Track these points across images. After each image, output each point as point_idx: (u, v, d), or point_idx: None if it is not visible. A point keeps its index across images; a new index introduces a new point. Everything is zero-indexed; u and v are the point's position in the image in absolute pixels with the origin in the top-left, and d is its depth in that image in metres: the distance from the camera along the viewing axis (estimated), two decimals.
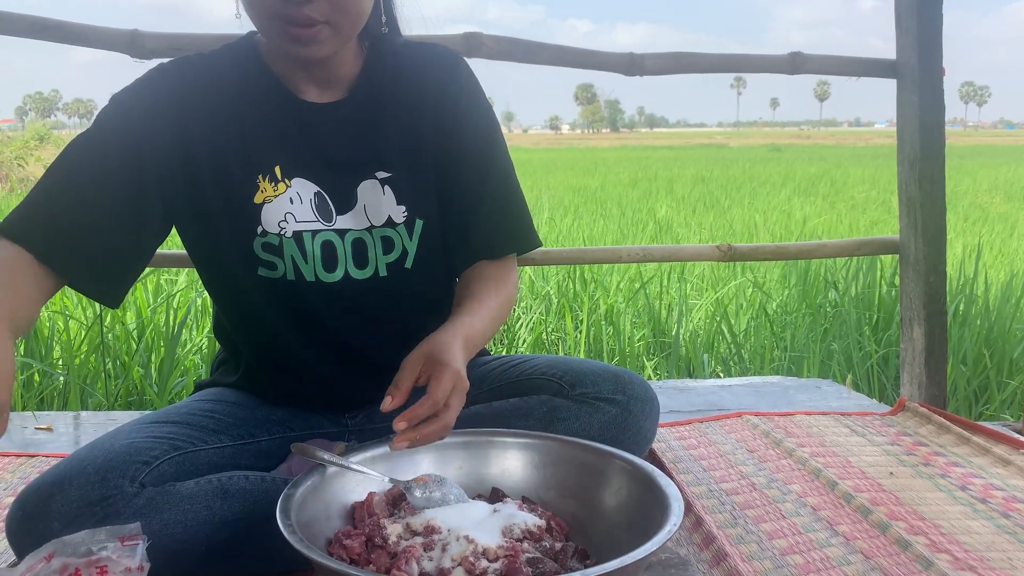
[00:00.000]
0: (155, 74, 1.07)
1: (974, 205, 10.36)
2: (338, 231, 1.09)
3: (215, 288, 1.17)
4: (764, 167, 19.77)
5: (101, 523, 0.89)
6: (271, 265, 1.08)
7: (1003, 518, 1.27)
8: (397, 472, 0.98)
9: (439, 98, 1.13)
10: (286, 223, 1.07)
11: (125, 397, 2.50)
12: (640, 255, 2.06)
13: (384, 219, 1.11)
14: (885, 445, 1.61)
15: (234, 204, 1.06)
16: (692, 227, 8.05)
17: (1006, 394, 2.79)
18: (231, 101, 1.07)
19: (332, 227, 1.09)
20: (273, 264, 1.08)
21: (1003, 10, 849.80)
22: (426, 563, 0.83)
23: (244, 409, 1.16)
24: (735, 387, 2.07)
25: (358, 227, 1.10)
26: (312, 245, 1.08)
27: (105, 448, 0.96)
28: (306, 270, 1.08)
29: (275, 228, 1.06)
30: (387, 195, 1.11)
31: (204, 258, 1.14)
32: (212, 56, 1.10)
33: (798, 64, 1.99)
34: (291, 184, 1.07)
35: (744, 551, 1.16)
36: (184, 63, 1.08)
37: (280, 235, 1.07)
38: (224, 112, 1.06)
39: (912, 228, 2.02)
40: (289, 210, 1.07)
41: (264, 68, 1.09)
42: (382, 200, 1.10)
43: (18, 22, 1.70)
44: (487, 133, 1.17)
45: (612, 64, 1.91)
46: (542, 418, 1.11)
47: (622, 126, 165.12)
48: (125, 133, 1.02)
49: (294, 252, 1.07)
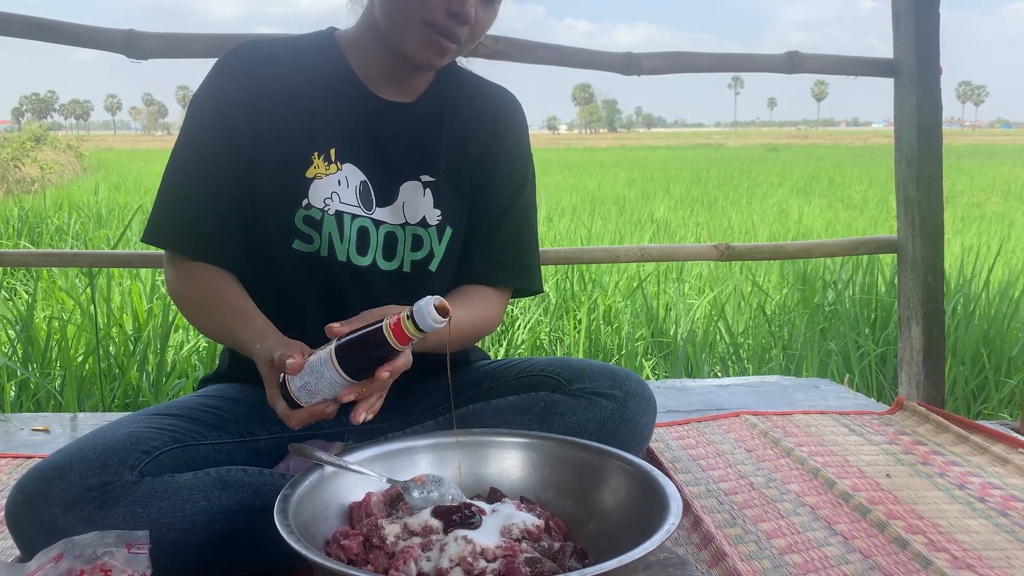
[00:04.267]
0: (225, 63, 1.14)
1: (971, 204, 10.38)
2: (374, 221, 1.15)
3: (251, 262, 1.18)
4: (762, 167, 19.79)
5: (101, 509, 0.91)
6: (308, 238, 1.13)
7: (1001, 517, 1.27)
8: (395, 472, 0.98)
9: (494, 127, 1.23)
10: (331, 201, 1.12)
11: (123, 399, 2.49)
12: (638, 255, 2.06)
13: (419, 219, 1.17)
14: (883, 444, 1.61)
15: (287, 173, 1.12)
16: (690, 227, 8.05)
17: (1004, 393, 2.79)
18: (304, 81, 1.14)
19: (370, 216, 1.15)
20: (310, 238, 1.13)
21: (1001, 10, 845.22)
22: (424, 563, 0.82)
23: (245, 407, 1.17)
24: (733, 387, 2.07)
25: (393, 222, 1.16)
26: (350, 227, 1.13)
27: (107, 436, 0.98)
28: (340, 249, 1.13)
29: (320, 204, 1.12)
30: (426, 197, 1.17)
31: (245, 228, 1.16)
32: (293, 39, 1.19)
33: (796, 64, 1.99)
34: (342, 168, 1.14)
35: (743, 551, 1.16)
36: (259, 44, 1.16)
37: (323, 211, 1.12)
38: (295, 89, 1.13)
39: (910, 227, 2.02)
40: (336, 190, 1.13)
41: (342, 60, 1.16)
42: (420, 201, 1.17)
43: (14, 22, 1.69)
44: (522, 175, 1.26)
45: (609, 64, 1.91)
46: (539, 413, 1.12)
47: (620, 126, 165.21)
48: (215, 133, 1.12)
49: (332, 230, 1.12)
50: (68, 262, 2.18)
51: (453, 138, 1.20)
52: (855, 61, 2.06)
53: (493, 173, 1.22)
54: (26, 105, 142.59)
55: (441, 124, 1.19)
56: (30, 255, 2.35)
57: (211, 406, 1.14)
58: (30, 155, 13.67)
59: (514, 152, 1.25)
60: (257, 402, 1.19)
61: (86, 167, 17.60)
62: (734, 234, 7.49)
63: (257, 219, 1.14)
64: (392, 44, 1.12)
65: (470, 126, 1.21)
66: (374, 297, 1.15)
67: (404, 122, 1.17)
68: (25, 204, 8.37)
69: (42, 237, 6.36)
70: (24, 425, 1.77)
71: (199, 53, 1.69)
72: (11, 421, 1.79)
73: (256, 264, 1.17)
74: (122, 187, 11.78)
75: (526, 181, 1.26)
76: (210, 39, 1.70)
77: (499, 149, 1.23)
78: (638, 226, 7.91)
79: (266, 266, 1.16)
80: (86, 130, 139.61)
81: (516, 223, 1.24)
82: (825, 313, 3.47)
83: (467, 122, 1.21)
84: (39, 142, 16.23)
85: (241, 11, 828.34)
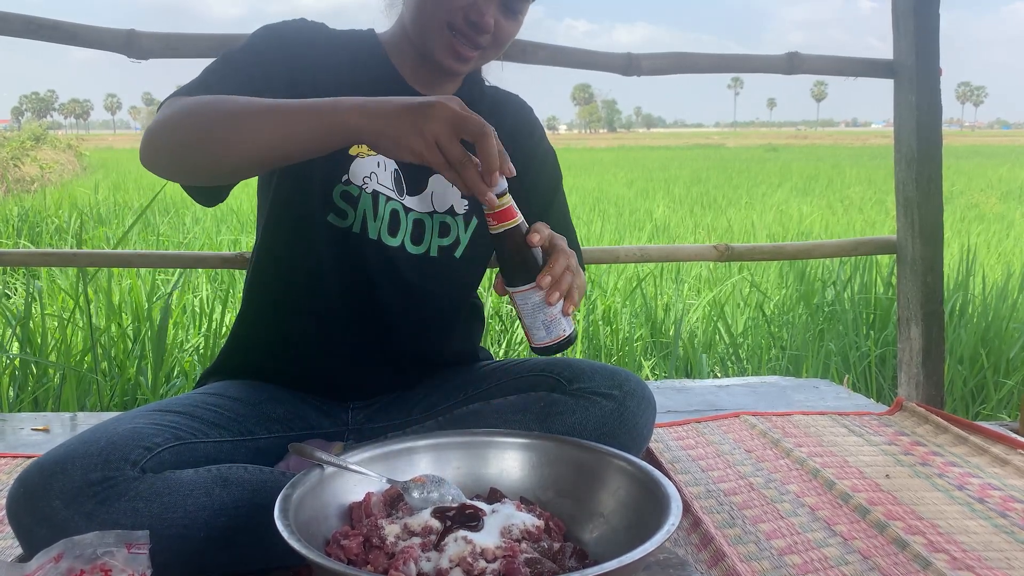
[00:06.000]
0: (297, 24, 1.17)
1: (970, 205, 10.38)
2: (404, 207, 1.18)
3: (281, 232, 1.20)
4: (761, 167, 19.79)
5: (102, 504, 0.91)
6: (343, 214, 1.15)
7: (1000, 517, 1.27)
8: (395, 472, 0.98)
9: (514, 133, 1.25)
10: (369, 180, 1.16)
11: (121, 397, 2.49)
12: (638, 255, 2.06)
13: (447, 207, 1.21)
14: (883, 445, 1.61)
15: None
16: (689, 227, 8.05)
17: (1002, 393, 2.79)
18: (351, 67, 1.17)
19: (401, 201, 1.18)
20: (345, 213, 1.15)
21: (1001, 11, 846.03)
22: (424, 563, 0.82)
23: (245, 406, 1.17)
24: (733, 387, 2.07)
25: (421, 210, 1.20)
26: (384, 208, 1.17)
27: (108, 431, 0.98)
28: (372, 228, 1.16)
29: (359, 181, 1.15)
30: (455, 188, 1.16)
31: (284, 198, 1.18)
32: (340, 31, 1.22)
33: (795, 64, 1.99)
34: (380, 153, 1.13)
35: (742, 551, 1.16)
36: (317, 25, 1.19)
37: (361, 188, 1.15)
38: (342, 72, 1.15)
39: (909, 228, 2.02)
40: (375, 171, 1.16)
41: (384, 56, 1.21)
42: (449, 190, 1.21)
43: (14, 22, 1.69)
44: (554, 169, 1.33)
45: (609, 64, 1.91)
46: (539, 413, 1.12)
47: (619, 126, 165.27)
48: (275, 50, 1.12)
49: (368, 207, 1.15)
50: (68, 261, 2.18)
51: None
52: (855, 62, 2.06)
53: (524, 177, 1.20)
54: (26, 104, 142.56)
55: None
56: (30, 254, 2.35)
57: (212, 404, 1.14)
58: (30, 154, 13.66)
59: (539, 154, 1.30)
60: (257, 401, 1.20)
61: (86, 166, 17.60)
62: (733, 234, 7.49)
63: (296, 189, 1.16)
64: (418, 47, 1.16)
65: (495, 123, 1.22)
66: (399, 278, 1.19)
67: None
68: (25, 203, 8.37)
69: (42, 236, 6.36)
70: (24, 424, 1.77)
71: (199, 53, 1.69)
72: (9, 421, 1.79)
73: (291, 238, 1.19)
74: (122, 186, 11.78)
75: (559, 178, 1.33)
76: (210, 39, 1.70)
77: (524, 153, 1.24)
78: (638, 226, 7.92)
79: (297, 238, 1.18)
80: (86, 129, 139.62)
81: (559, 215, 1.30)
82: (824, 313, 3.48)
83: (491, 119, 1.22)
84: (39, 141, 16.22)
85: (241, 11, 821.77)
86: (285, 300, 1.22)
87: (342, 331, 1.21)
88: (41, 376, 2.54)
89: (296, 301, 1.22)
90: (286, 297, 1.22)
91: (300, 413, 1.22)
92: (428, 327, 1.25)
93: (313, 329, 1.22)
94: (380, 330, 1.22)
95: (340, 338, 1.22)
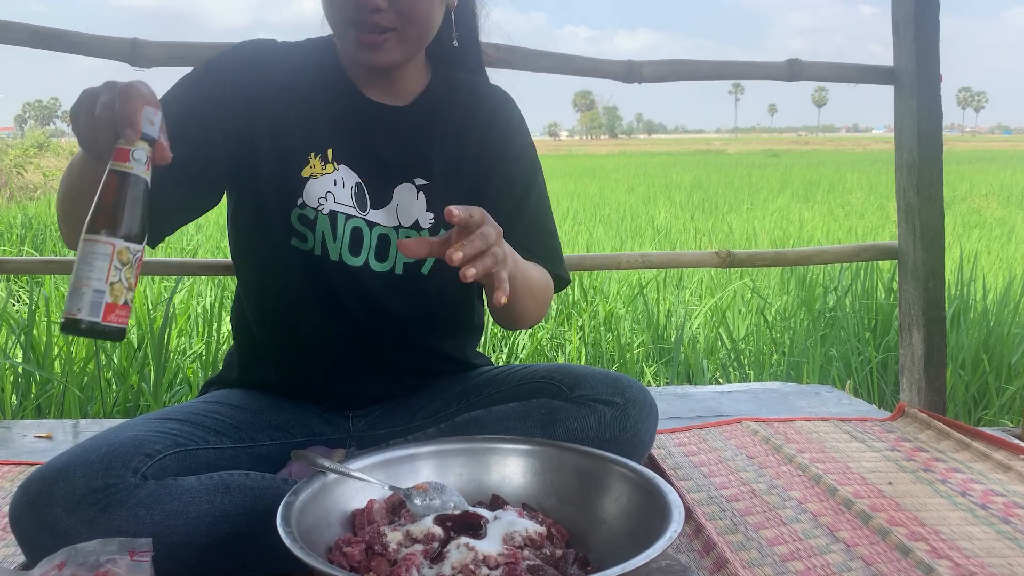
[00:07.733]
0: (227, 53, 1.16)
1: (971, 210, 10.38)
2: (368, 222, 1.16)
3: (249, 258, 1.21)
4: (762, 173, 19.80)
5: (104, 511, 0.91)
6: (303, 237, 1.15)
7: (1003, 524, 1.27)
8: (397, 479, 0.98)
9: (488, 125, 1.22)
10: (325, 201, 1.14)
11: (124, 404, 2.49)
12: (639, 261, 2.07)
13: (411, 222, 1.18)
14: (885, 451, 1.61)
15: (284, 172, 1.13)
16: (691, 233, 8.06)
17: (1005, 399, 2.79)
18: (302, 84, 1.16)
19: (364, 217, 1.16)
20: (305, 236, 1.14)
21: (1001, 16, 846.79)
22: (426, 570, 0.83)
23: (247, 413, 1.17)
24: (735, 393, 2.07)
25: (386, 224, 1.17)
26: (343, 227, 1.15)
27: (110, 439, 0.98)
28: (332, 249, 1.15)
29: (314, 203, 1.14)
30: (419, 200, 1.18)
31: (245, 225, 1.19)
32: (293, 44, 1.20)
33: (796, 71, 2.00)
34: (338, 168, 1.15)
35: (744, 558, 1.16)
36: (260, 43, 1.18)
37: (317, 210, 1.14)
38: (293, 91, 1.15)
39: (911, 234, 2.03)
40: (331, 190, 1.14)
41: (337, 65, 1.18)
42: (414, 204, 1.18)
43: (18, 31, 1.70)
44: (531, 165, 1.26)
45: (611, 72, 1.91)
46: (541, 420, 1.12)
47: (620, 132, 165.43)
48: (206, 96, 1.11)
49: (325, 229, 1.14)
50: (71, 269, 2.18)
51: (447, 141, 1.20)
52: (855, 68, 2.06)
53: (499, 166, 1.22)
54: (29, 112, 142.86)
55: (435, 127, 1.20)
56: (33, 262, 2.36)
57: (214, 411, 1.14)
58: (33, 162, 13.68)
59: (515, 145, 1.25)
60: (259, 408, 1.20)
61: None
62: (735, 240, 7.50)
63: (255, 217, 1.16)
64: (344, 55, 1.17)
65: (465, 128, 1.22)
66: (367, 297, 1.17)
67: (397, 125, 1.18)
68: (28, 211, 8.39)
69: (45, 243, 6.37)
70: (27, 431, 1.77)
71: (202, 61, 1.70)
72: (13, 428, 1.79)
73: (258, 261, 1.20)
74: None
75: (535, 172, 1.27)
76: (213, 48, 1.70)
77: (499, 144, 1.23)
78: (639, 232, 7.92)
79: (267, 262, 1.18)
80: None
81: (534, 213, 1.24)
82: (826, 319, 3.48)
83: (461, 125, 1.22)
84: (42, 149, 16.24)
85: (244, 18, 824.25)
86: (270, 319, 1.22)
87: (327, 347, 1.21)
88: (44, 384, 2.55)
89: (277, 319, 1.22)
90: (271, 316, 1.22)
91: (302, 420, 1.22)
92: (412, 341, 1.23)
93: (298, 344, 1.21)
94: (364, 344, 1.21)
95: (325, 353, 1.21)
